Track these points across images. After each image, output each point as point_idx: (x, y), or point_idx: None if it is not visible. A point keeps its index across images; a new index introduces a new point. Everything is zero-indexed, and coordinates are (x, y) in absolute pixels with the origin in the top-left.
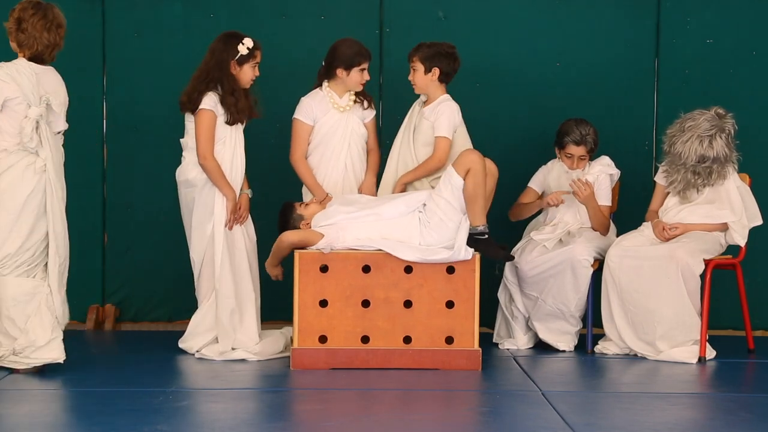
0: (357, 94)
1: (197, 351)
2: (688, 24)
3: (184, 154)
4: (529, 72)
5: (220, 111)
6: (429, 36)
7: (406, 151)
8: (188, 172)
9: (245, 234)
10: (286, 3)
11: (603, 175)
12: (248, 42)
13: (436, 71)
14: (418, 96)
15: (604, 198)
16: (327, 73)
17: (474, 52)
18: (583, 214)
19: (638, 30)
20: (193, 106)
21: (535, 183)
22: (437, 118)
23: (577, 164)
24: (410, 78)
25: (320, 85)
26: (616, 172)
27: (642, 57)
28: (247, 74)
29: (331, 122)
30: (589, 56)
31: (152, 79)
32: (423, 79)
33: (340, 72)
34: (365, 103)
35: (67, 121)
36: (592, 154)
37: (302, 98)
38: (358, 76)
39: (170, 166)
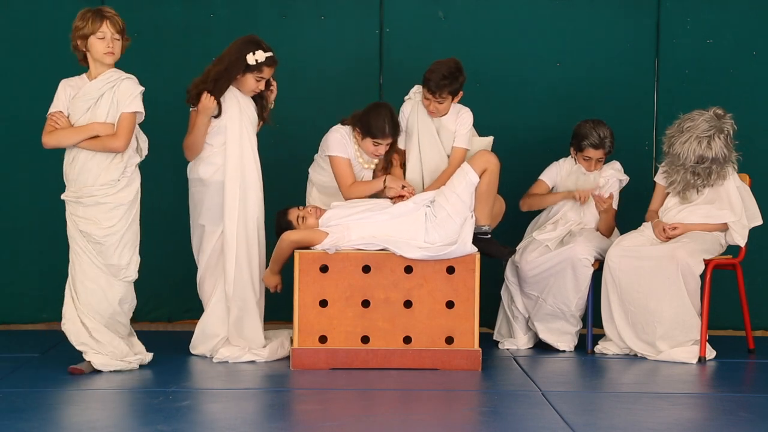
0: (390, 162)
1: (213, 356)
2: (688, 24)
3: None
4: (530, 72)
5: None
6: (429, 36)
7: (436, 155)
8: (199, 170)
9: (258, 234)
10: (286, 3)
11: (613, 179)
12: (259, 55)
13: (461, 93)
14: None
15: (613, 202)
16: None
17: (474, 53)
18: (586, 214)
19: (638, 30)
20: (195, 101)
21: (548, 177)
22: (459, 128)
23: (594, 166)
24: (433, 109)
25: (353, 128)
26: (625, 179)
27: (642, 57)
28: (248, 84)
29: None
30: (589, 56)
31: (152, 79)
32: (449, 105)
33: (357, 134)
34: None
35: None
36: (609, 156)
37: (331, 135)
38: (371, 147)
39: (170, 166)
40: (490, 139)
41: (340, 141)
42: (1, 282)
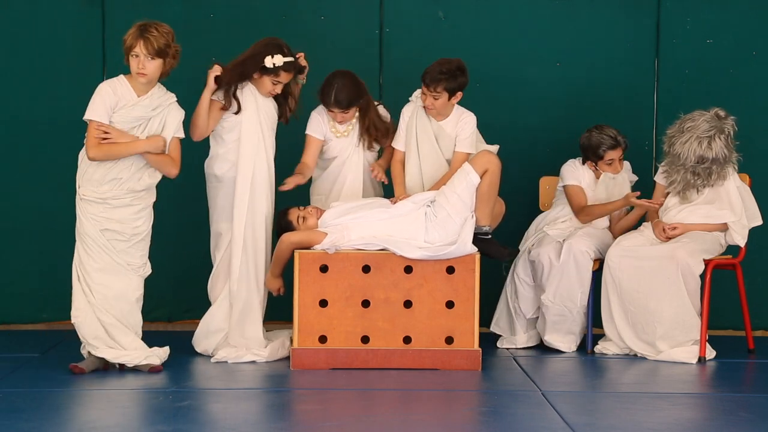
0: (368, 132)
1: (213, 356)
2: (688, 24)
3: (211, 146)
4: (529, 72)
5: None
6: (429, 36)
7: (435, 161)
8: (214, 166)
9: (266, 234)
10: (286, 3)
11: (625, 180)
12: (277, 60)
13: (460, 94)
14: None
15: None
16: None
17: (474, 52)
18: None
19: (638, 30)
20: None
21: (575, 179)
22: (461, 132)
23: (619, 166)
24: (428, 104)
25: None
26: (635, 178)
27: (642, 57)
28: (265, 86)
29: (331, 144)
30: (589, 56)
31: None
32: (446, 104)
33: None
34: (368, 143)
35: (67, 121)
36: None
37: (311, 115)
38: (329, 114)
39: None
40: (495, 148)
41: (315, 119)
42: (1, 282)
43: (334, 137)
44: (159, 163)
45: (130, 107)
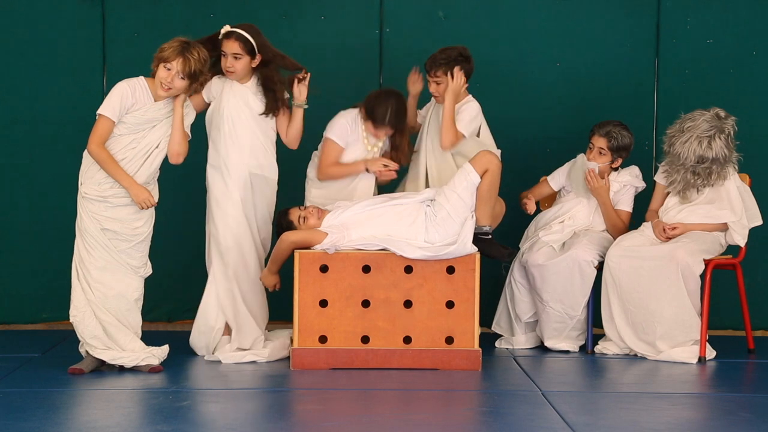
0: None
1: (213, 355)
2: (688, 24)
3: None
4: (529, 72)
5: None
6: (429, 36)
7: (441, 159)
8: (213, 172)
9: (259, 236)
10: (286, 3)
11: (629, 185)
12: (221, 32)
13: (465, 81)
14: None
15: (626, 204)
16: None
17: (474, 52)
18: (597, 218)
19: (638, 30)
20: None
21: (554, 178)
22: (461, 114)
23: (593, 156)
24: (433, 90)
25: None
26: (642, 185)
27: (642, 57)
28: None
29: (355, 155)
30: (589, 56)
31: None
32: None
33: (364, 120)
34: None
35: (68, 121)
36: (616, 156)
37: (337, 119)
38: (371, 129)
39: (169, 165)
40: (497, 153)
41: (342, 127)
42: (1, 282)
43: (364, 148)
44: (180, 136)
45: (145, 110)
